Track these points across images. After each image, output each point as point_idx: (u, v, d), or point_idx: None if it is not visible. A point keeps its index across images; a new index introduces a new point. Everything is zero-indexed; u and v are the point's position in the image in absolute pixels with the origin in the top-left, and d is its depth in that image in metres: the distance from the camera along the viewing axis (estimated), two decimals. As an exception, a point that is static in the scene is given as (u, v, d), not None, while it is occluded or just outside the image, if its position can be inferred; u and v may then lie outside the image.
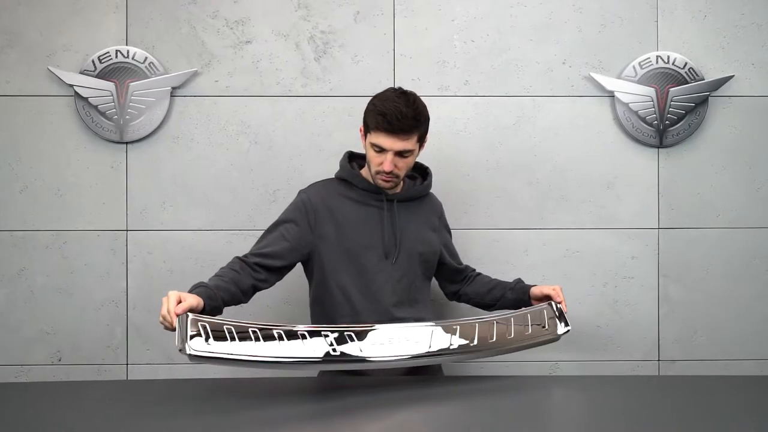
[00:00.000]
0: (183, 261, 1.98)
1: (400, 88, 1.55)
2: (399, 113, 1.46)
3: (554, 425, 1.22)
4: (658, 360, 2.02)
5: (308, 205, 1.57)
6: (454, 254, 1.76)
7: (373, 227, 1.57)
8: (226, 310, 1.43)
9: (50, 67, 1.95)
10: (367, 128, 1.53)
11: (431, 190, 1.72)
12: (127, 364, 1.99)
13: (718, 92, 2.00)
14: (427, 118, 1.54)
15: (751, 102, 2.01)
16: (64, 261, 1.97)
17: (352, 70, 1.99)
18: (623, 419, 1.21)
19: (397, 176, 1.55)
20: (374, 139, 1.51)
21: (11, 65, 1.96)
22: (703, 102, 1.99)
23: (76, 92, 1.95)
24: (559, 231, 2.02)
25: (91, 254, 1.98)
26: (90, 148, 1.98)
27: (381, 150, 1.51)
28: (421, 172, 1.72)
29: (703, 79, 1.99)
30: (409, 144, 1.50)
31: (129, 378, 1.97)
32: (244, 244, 1.96)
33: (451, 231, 1.83)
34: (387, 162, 1.50)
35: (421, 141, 1.56)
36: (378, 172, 1.53)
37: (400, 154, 1.51)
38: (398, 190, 1.64)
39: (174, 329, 1.22)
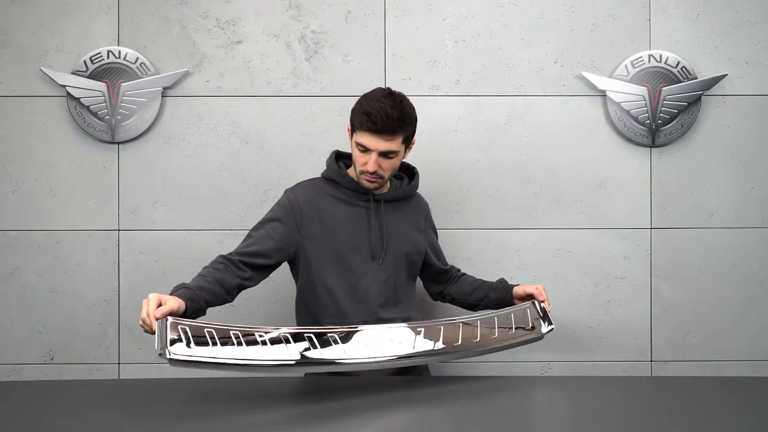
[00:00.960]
0: (174, 260, 1.98)
1: (388, 89, 1.54)
2: (384, 114, 1.45)
3: (545, 427, 1.21)
4: (651, 361, 2.01)
5: (294, 204, 1.56)
6: (439, 255, 1.76)
7: (360, 228, 1.57)
8: (215, 310, 1.43)
9: (42, 68, 1.95)
10: (354, 127, 1.53)
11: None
12: (119, 364, 1.99)
13: (711, 91, 1.98)
14: (413, 120, 1.53)
15: (745, 101, 1.99)
16: (57, 261, 1.98)
17: (343, 70, 1.99)
18: (615, 420, 1.20)
19: (382, 177, 1.54)
20: (359, 138, 1.50)
21: (4, 66, 1.97)
22: (696, 101, 1.97)
23: (68, 92, 1.95)
24: (551, 231, 2.01)
25: (84, 254, 1.98)
26: (82, 149, 1.98)
27: (365, 150, 1.50)
28: (408, 173, 1.71)
29: (696, 78, 1.97)
30: (393, 145, 1.49)
31: (121, 377, 1.98)
32: (234, 244, 1.91)
33: (443, 231, 1.82)
34: (371, 162, 1.49)
35: (407, 142, 1.55)
36: (362, 172, 1.53)
37: (384, 154, 1.50)
38: (385, 190, 1.63)
39: (154, 333, 1.19)
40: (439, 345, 1.38)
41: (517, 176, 2.01)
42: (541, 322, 1.54)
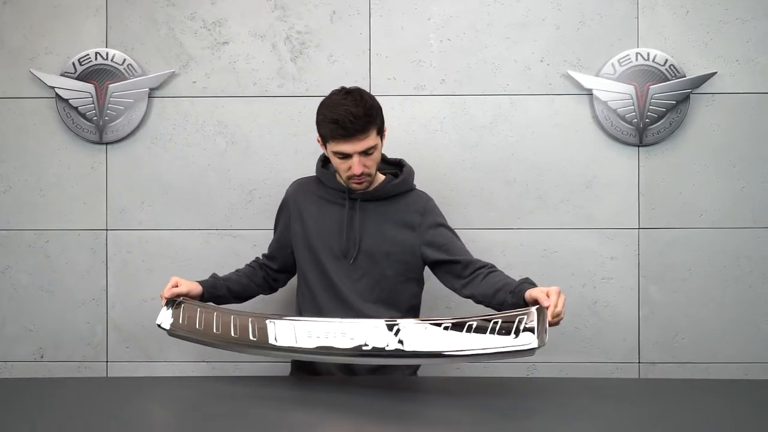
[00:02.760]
0: (161, 260, 2.00)
1: (342, 88, 1.53)
2: (351, 116, 1.44)
3: (532, 429, 1.20)
4: (639, 362, 1.99)
5: (285, 204, 1.69)
6: (449, 249, 1.58)
7: (333, 226, 1.59)
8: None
9: (32, 70, 1.98)
10: (325, 138, 1.52)
11: (420, 188, 1.69)
12: (107, 362, 2.02)
13: (700, 89, 1.95)
14: (379, 109, 1.52)
15: (735, 99, 1.96)
16: (47, 260, 2.01)
17: (328, 70, 2.00)
18: (602, 423, 1.19)
19: (370, 174, 1.54)
20: (335, 147, 1.49)
21: (-5, 68, 2.01)
22: (684, 99, 1.95)
23: (57, 94, 1.98)
24: (537, 231, 1.99)
25: (72, 253, 2.01)
26: (71, 149, 2.01)
27: (345, 156, 1.50)
28: (401, 169, 1.68)
29: (685, 76, 1.94)
30: (369, 141, 1.49)
31: (109, 375, 2.00)
32: (221, 244, 1.99)
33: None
34: (355, 165, 1.49)
35: (381, 132, 1.54)
36: (350, 177, 1.53)
37: (364, 153, 1.49)
38: (374, 186, 1.61)
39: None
40: (393, 346, 1.30)
41: (503, 176, 1.99)
42: (532, 333, 1.21)
